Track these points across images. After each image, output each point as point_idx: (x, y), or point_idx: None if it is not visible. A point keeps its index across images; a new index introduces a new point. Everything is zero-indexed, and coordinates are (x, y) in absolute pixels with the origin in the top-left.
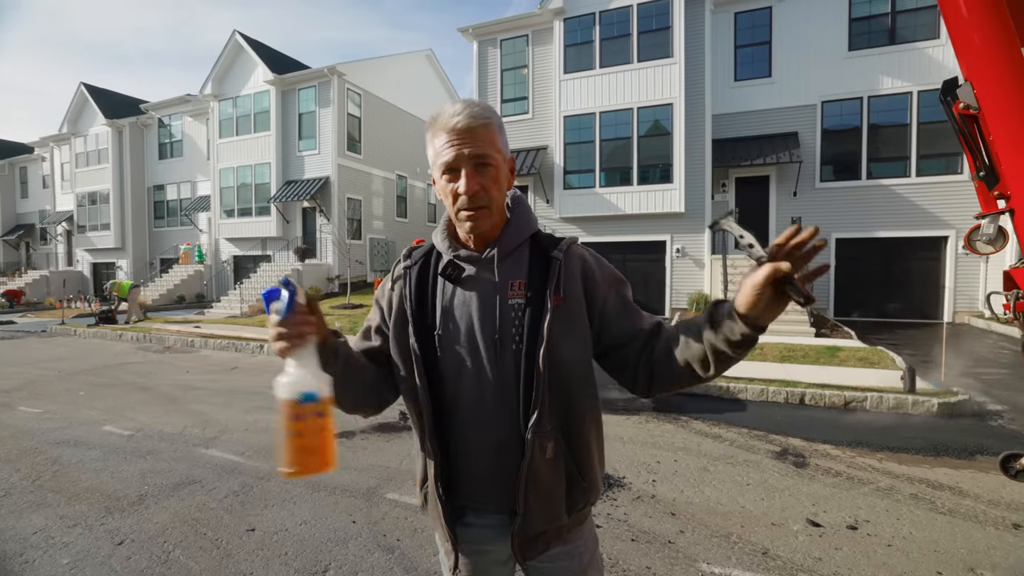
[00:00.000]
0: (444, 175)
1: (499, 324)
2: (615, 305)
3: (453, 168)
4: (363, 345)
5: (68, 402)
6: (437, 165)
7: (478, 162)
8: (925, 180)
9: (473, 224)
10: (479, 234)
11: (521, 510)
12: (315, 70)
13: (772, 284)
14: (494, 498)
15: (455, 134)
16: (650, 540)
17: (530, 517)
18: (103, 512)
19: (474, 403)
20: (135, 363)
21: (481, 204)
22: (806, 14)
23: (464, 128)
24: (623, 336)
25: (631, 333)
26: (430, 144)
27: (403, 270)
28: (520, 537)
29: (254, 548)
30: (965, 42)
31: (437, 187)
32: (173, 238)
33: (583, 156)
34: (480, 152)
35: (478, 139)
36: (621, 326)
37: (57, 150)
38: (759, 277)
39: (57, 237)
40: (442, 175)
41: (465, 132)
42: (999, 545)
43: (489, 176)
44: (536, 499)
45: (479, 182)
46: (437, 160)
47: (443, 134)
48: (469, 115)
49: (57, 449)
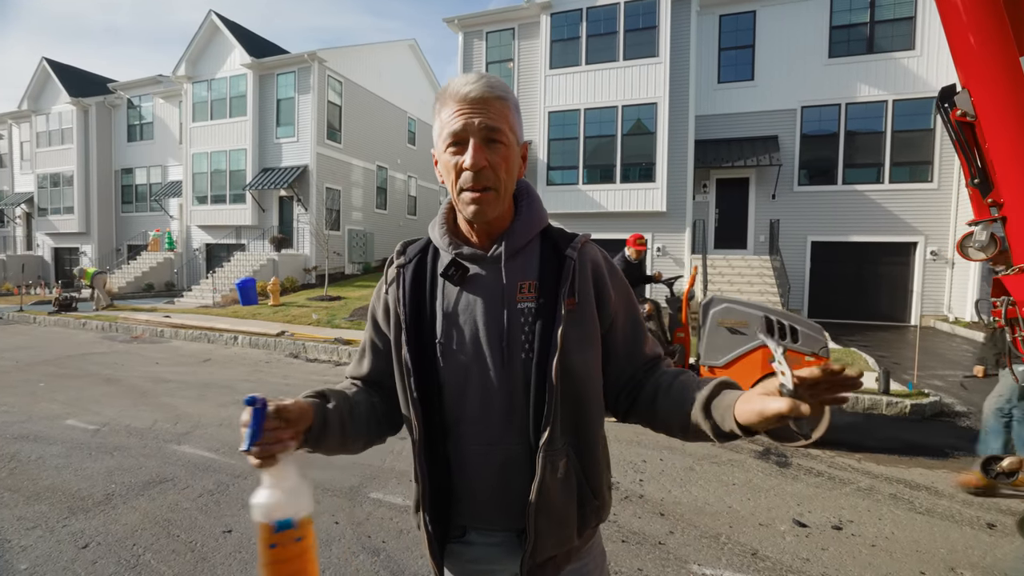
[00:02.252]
0: (449, 148)
1: (507, 331)
2: (624, 327)
3: (460, 139)
4: (358, 372)
5: (27, 394)
6: (442, 137)
7: (488, 136)
8: (897, 187)
9: (477, 208)
10: (484, 225)
11: (532, 536)
12: (295, 55)
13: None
14: (499, 517)
15: (466, 103)
16: (640, 541)
17: (541, 543)
18: (66, 513)
19: (479, 417)
20: (100, 353)
21: (487, 184)
22: (789, 20)
23: (477, 98)
24: (621, 360)
25: (629, 361)
26: (436, 117)
27: (396, 271)
28: (530, 564)
29: (231, 551)
30: (963, 48)
31: (440, 165)
32: (142, 224)
33: (567, 153)
34: (492, 125)
35: (491, 111)
36: (624, 351)
37: (16, 128)
38: (771, 410)
39: (15, 220)
40: (446, 148)
41: (478, 102)
42: (976, 544)
43: (500, 154)
44: (547, 523)
45: (487, 157)
46: (443, 131)
47: (452, 103)
48: (485, 85)
49: (14, 445)
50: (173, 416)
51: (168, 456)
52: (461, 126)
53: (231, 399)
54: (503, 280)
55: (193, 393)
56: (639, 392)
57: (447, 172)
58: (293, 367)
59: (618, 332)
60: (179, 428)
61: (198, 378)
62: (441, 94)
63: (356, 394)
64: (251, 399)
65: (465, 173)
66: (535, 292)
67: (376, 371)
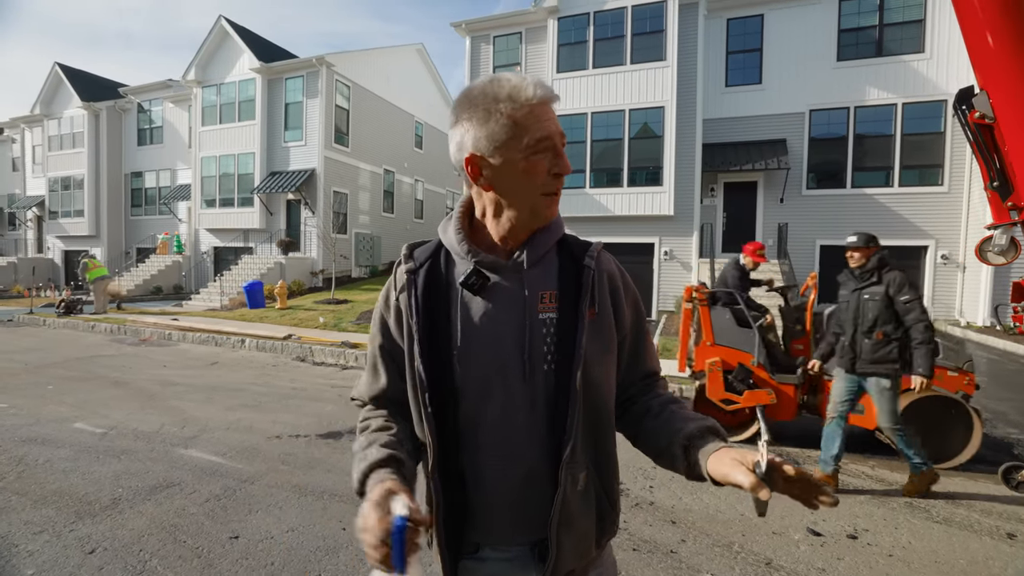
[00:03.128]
0: (536, 153)
1: (530, 342)
2: (632, 343)
3: (549, 145)
4: (376, 390)
5: (35, 396)
6: (524, 141)
7: (563, 142)
8: (907, 191)
9: (551, 211)
10: (516, 232)
11: (554, 550)
12: (303, 60)
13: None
14: (515, 532)
15: (546, 106)
16: (652, 550)
17: (563, 557)
18: (73, 517)
19: (498, 430)
20: (109, 356)
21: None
22: (797, 23)
23: (548, 100)
24: (623, 371)
25: (630, 372)
26: (497, 116)
27: (407, 275)
28: None
29: (238, 557)
30: (981, 49)
31: (509, 167)
32: (151, 227)
33: (574, 156)
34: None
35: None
36: (628, 362)
37: (29, 132)
38: (735, 480)
39: (27, 223)
40: (533, 152)
41: (549, 107)
42: (996, 555)
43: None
44: (569, 537)
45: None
46: (522, 135)
47: (529, 105)
48: (550, 90)
49: (23, 448)
50: (180, 419)
51: (175, 460)
52: (549, 131)
53: (238, 402)
54: (524, 290)
55: (200, 396)
56: (630, 407)
57: (528, 175)
58: (300, 370)
59: (626, 343)
60: (186, 432)
61: (205, 381)
62: (509, 94)
63: (402, 437)
64: (402, 521)
65: (552, 178)
66: (555, 302)
67: (395, 388)
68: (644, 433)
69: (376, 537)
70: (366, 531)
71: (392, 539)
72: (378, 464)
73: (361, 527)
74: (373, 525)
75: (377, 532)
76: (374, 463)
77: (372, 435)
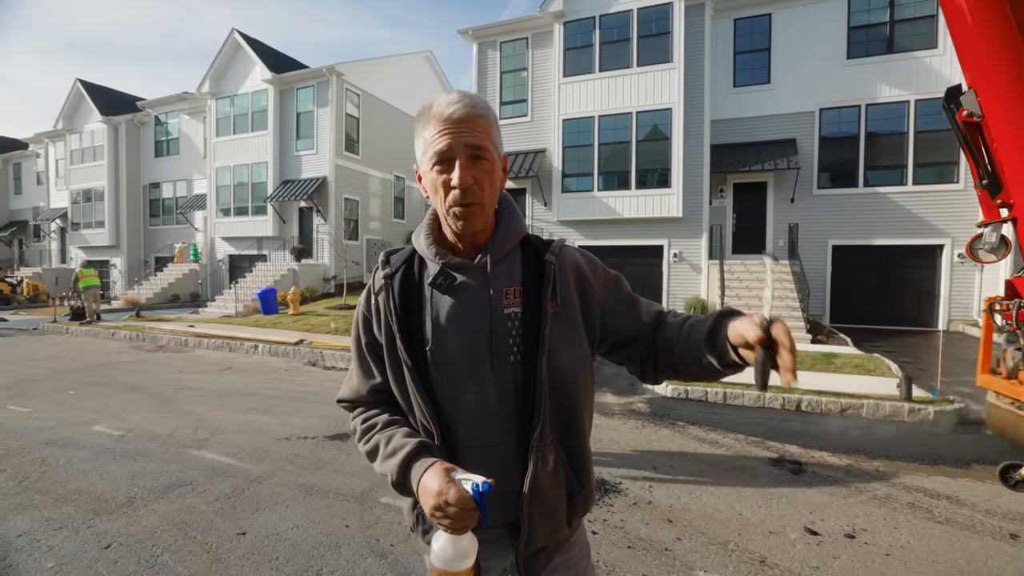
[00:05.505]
0: (435, 166)
1: (496, 335)
2: (615, 303)
3: (446, 158)
4: (370, 383)
5: (58, 401)
6: (427, 156)
7: (473, 153)
8: (921, 189)
9: (465, 223)
10: (469, 236)
11: (526, 527)
12: (314, 69)
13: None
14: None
15: (451, 123)
16: (647, 547)
17: (534, 534)
18: (90, 514)
19: (473, 420)
20: (128, 362)
21: (474, 200)
22: (805, 22)
23: (461, 117)
24: (626, 334)
25: (635, 330)
26: (419, 136)
27: (384, 279)
28: (524, 554)
29: (245, 552)
30: (969, 50)
31: (425, 181)
32: (168, 236)
33: (582, 159)
34: (477, 143)
35: (476, 129)
36: (624, 323)
37: (52, 146)
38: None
39: (51, 234)
40: (432, 167)
41: (462, 121)
42: (997, 555)
43: (484, 170)
44: (540, 515)
45: (473, 174)
46: (428, 150)
47: (436, 123)
48: (468, 104)
49: (45, 449)
50: (194, 422)
51: (188, 461)
52: (447, 145)
53: (250, 406)
54: (489, 287)
55: (213, 400)
56: (656, 352)
57: (434, 189)
58: (311, 375)
59: (610, 310)
60: (199, 434)
61: (219, 386)
62: (424, 114)
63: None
64: (487, 486)
65: (454, 191)
66: (520, 297)
67: (388, 381)
68: (680, 362)
69: (467, 504)
70: (452, 503)
71: (479, 502)
72: (415, 453)
73: (445, 502)
74: (457, 496)
75: (467, 500)
76: (410, 453)
77: (386, 431)
